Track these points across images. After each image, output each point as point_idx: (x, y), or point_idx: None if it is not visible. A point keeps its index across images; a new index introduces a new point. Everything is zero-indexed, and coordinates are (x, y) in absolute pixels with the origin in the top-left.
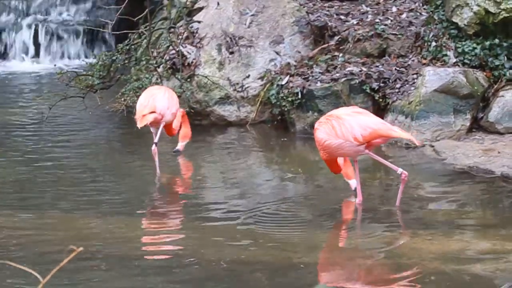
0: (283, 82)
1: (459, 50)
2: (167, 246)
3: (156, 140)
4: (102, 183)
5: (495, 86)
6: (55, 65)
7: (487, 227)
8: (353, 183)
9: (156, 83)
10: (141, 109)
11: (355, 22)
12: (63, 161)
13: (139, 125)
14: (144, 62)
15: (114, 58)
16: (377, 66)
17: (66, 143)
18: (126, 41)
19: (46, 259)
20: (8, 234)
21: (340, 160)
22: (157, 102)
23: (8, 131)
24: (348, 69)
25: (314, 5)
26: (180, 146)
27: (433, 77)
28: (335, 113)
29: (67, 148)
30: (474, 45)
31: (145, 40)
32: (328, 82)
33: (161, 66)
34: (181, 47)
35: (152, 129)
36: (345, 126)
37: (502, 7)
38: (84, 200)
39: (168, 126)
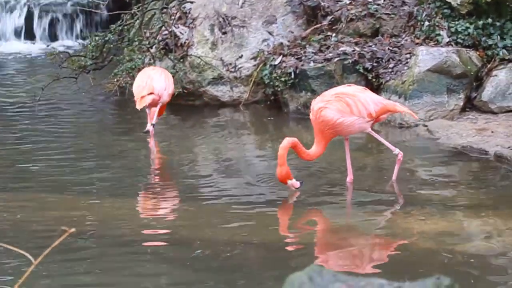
0: (276, 62)
1: (452, 29)
2: (160, 226)
3: (153, 121)
4: (95, 164)
5: (489, 66)
6: (48, 46)
7: (481, 206)
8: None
9: (149, 64)
10: (139, 90)
11: (347, 2)
12: (55, 142)
13: (139, 106)
14: (137, 43)
15: (106, 38)
16: (370, 46)
17: (58, 123)
18: (119, 22)
19: (39, 240)
20: None
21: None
22: (155, 83)
23: (0, 112)
24: (341, 49)
25: None
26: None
27: (426, 57)
28: (343, 91)
29: (59, 129)
30: (467, 24)
31: (137, 21)
32: (321, 62)
33: (154, 46)
34: (173, 28)
35: (147, 110)
36: (361, 102)
37: None
38: (77, 180)
39: (162, 107)
